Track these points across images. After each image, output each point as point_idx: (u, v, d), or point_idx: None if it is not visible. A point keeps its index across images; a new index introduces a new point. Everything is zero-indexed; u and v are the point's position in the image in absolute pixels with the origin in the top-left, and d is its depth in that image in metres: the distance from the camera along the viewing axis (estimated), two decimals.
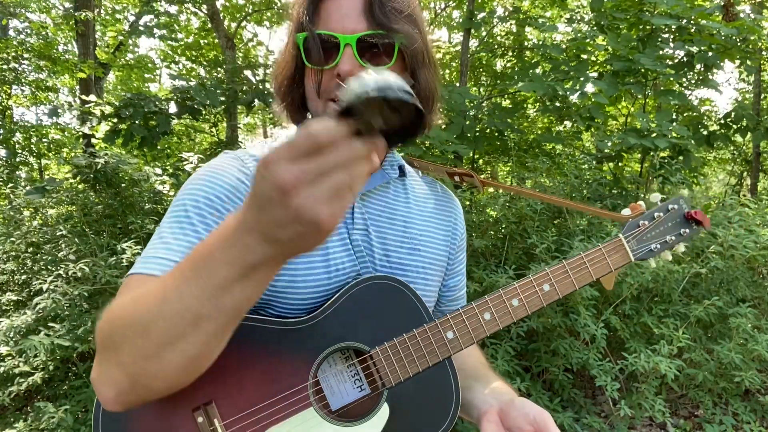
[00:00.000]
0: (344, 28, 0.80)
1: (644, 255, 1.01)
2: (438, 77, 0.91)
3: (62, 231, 3.41)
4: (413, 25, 0.83)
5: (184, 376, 0.63)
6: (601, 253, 0.96)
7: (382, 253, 0.90)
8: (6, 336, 2.72)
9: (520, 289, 0.89)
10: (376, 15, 0.79)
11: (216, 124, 6.52)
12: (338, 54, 0.79)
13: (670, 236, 1.03)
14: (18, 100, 9.06)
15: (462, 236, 1.04)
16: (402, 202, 0.96)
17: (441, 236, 0.99)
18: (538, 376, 3.13)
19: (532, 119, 6.82)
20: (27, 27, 7.18)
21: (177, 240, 0.75)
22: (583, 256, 0.95)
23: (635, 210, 1.03)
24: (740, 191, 8.02)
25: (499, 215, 3.78)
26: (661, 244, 1.02)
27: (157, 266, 0.73)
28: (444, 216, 1.01)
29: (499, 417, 0.84)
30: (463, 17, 5.58)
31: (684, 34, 4.21)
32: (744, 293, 3.36)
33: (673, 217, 1.04)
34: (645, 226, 1.02)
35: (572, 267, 0.94)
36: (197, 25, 9.17)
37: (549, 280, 0.92)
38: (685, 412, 3.33)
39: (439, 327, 0.85)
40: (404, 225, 0.93)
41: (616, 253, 0.98)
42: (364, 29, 0.80)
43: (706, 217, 1.07)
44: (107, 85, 11.31)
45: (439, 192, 1.04)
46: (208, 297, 0.55)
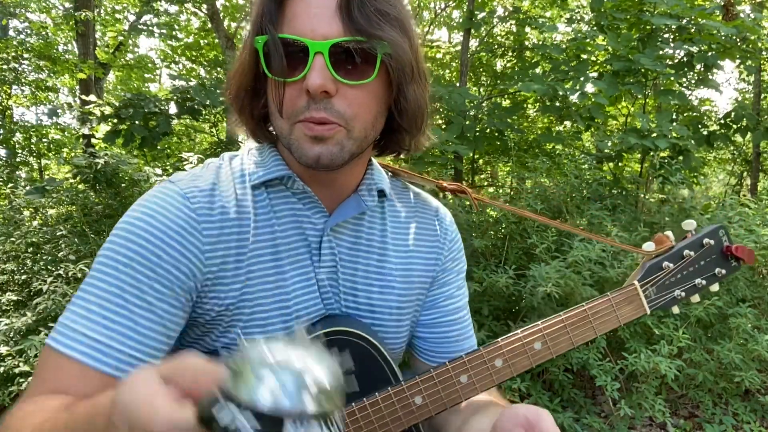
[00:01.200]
0: (314, 32, 0.64)
1: (665, 304, 0.84)
2: (428, 89, 0.76)
3: (62, 231, 3.41)
4: (400, 30, 0.68)
5: None
6: (609, 304, 0.81)
7: (350, 294, 0.79)
8: (6, 336, 2.73)
9: (505, 348, 0.76)
10: (355, 17, 0.64)
11: (216, 124, 6.52)
12: (307, 64, 0.64)
13: (701, 279, 0.84)
14: (18, 100, 9.06)
15: (450, 247, 0.90)
16: (378, 233, 0.82)
17: (422, 261, 0.86)
18: (538, 376, 3.13)
19: (532, 119, 6.82)
20: (27, 27, 7.18)
21: (101, 312, 0.64)
22: (586, 308, 0.80)
23: (661, 243, 0.85)
24: (740, 191, 8.03)
25: (499, 215, 3.78)
26: (688, 290, 0.84)
27: (74, 345, 0.63)
28: (425, 236, 0.87)
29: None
30: (463, 17, 5.59)
31: (684, 34, 4.21)
32: (744, 293, 3.36)
33: (708, 254, 0.84)
34: (669, 269, 0.83)
35: (571, 323, 0.80)
36: (197, 25, 9.17)
37: (542, 338, 0.78)
38: (685, 412, 3.33)
39: (406, 392, 0.72)
40: (378, 260, 0.82)
41: (629, 304, 0.81)
42: (339, 34, 0.64)
43: (751, 252, 0.87)
44: (107, 85, 11.32)
45: (423, 208, 0.90)
46: None
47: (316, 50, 0.64)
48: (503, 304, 3.18)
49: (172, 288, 0.67)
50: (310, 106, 0.66)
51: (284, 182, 0.77)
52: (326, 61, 0.64)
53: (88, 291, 0.65)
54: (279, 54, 0.65)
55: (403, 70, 0.68)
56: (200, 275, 0.69)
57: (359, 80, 0.67)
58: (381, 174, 0.84)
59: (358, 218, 0.81)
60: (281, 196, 0.77)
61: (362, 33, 0.64)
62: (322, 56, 0.64)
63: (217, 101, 4.33)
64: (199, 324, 0.73)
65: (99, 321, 0.63)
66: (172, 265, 0.67)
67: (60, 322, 0.65)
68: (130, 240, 0.66)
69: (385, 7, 0.66)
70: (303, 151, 0.68)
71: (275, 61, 0.65)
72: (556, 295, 2.70)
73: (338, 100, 0.66)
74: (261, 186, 0.76)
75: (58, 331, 0.64)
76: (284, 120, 0.69)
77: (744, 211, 3.63)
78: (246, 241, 0.72)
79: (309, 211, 0.77)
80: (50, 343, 0.64)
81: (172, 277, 0.67)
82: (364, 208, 0.79)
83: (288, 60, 0.65)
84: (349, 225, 0.80)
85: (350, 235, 0.80)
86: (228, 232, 0.71)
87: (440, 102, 4.19)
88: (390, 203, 0.85)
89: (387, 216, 0.84)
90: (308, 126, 0.67)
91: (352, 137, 0.69)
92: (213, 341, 0.73)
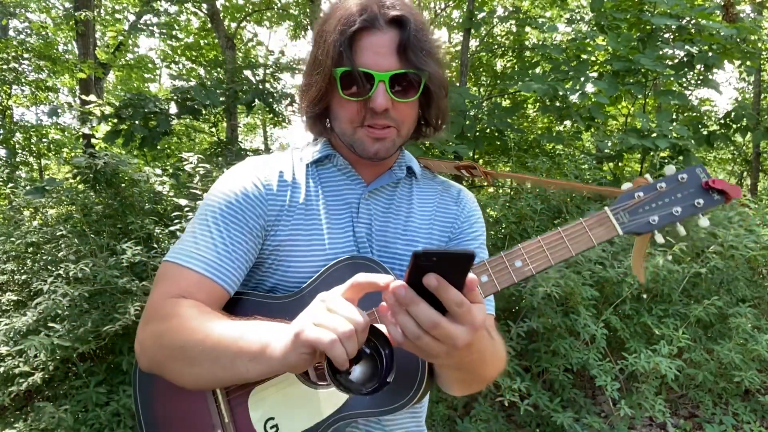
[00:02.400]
0: (378, 65, 0.88)
1: (638, 227, 0.89)
2: (447, 99, 1.02)
3: (62, 231, 3.40)
4: (437, 63, 0.93)
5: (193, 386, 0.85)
6: (582, 227, 0.89)
7: (382, 244, 1.00)
8: (6, 336, 2.72)
9: (489, 265, 0.86)
10: (409, 56, 0.88)
11: (216, 124, 6.52)
12: (372, 88, 0.89)
13: (677, 208, 0.89)
14: (18, 100, 9.06)
15: (467, 216, 1.09)
16: (405, 199, 1.06)
17: (439, 228, 1.06)
18: (538, 376, 3.13)
19: (532, 119, 6.82)
20: (27, 27, 7.18)
21: (204, 239, 0.92)
22: (560, 231, 0.89)
23: (638, 184, 0.92)
24: None
25: (499, 215, 3.78)
26: (663, 217, 0.89)
27: (187, 259, 0.90)
28: (445, 209, 1.08)
29: None
30: (463, 17, 5.59)
31: (684, 34, 4.22)
32: (744, 293, 3.37)
33: (686, 188, 0.90)
34: (641, 198, 0.90)
35: (548, 243, 0.88)
36: (197, 25, 9.18)
37: (521, 256, 0.87)
38: (685, 412, 3.33)
39: None
40: (405, 220, 1.03)
41: (600, 226, 0.89)
42: (396, 67, 0.89)
43: (735, 187, 0.89)
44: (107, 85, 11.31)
45: (446, 190, 1.12)
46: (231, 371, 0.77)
47: (380, 79, 0.88)
48: (503, 304, 3.18)
49: (248, 223, 0.94)
50: (372, 116, 0.91)
51: (331, 160, 1.04)
52: (387, 87, 0.89)
53: (195, 227, 0.93)
54: (354, 81, 0.89)
55: (438, 91, 0.96)
56: (265, 216, 0.96)
57: (408, 98, 0.92)
58: (411, 158, 1.10)
59: (391, 189, 1.05)
60: (328, 171, 1.04)
61: (413, 67, 0.89)
62: (384, 83, 0.88)
63: (217, 101, 4.33)
64: (259, 263, 0.97)
65: (206, 245, 0.91)
66: (250, 207, 0.94)
67: (173, 248, 0.93)
68: (222, 193, 0.95)
69: (429, 48, 0.91)
70: (365, 148, 0.94)
71: (350, 86, 0.90)
72: (556, 295, 2.70)
73: (393, 111, 0.92)
74: (313, 164, 1.03)
75: (176, 253, 0.91)
76: (350, 126, 0.94)
77: (744, 211, 3.63)
78: (296, 200, 0.98)
79: (350, 180, 1.03)
80: (172, 259, 0.91)
81: (251, 215, 0.95)
82: (394, 178, 1.04)
83: (358, 85, 0.90)
84: (384, 193, 1.04)
85: (385, 200, 1.04)
86: (283, 191, 0.98)
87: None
88: (418, 183, 1.09)
89: (414, 190, 1.08)
90: (370, 131, 0.93)
91: (401, 136, 0.96)
92: (268, 278, 0.96)
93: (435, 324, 0.62)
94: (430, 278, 0.60)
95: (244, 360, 0.75)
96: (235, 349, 0.76)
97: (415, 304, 0.62)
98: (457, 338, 0.63)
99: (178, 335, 0.81)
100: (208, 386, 0.85)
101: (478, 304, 0.64)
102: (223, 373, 0.78)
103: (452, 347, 0.64)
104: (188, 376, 0.81)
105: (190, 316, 0.83)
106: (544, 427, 2.94)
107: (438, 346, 0.64)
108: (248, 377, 0.77)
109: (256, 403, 0.87)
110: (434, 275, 0.60)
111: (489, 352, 0.82)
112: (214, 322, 0.81)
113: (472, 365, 0.78)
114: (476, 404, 2.89)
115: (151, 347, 0.86)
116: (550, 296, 2.74)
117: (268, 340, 0.74)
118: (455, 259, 0.59)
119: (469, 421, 2.84)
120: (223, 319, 0.83)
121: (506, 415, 3.06)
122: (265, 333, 0.75)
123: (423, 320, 0.62)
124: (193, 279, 0.89)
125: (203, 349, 0.78)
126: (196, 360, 0.79)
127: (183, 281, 0.88)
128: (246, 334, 0.77)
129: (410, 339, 0.63)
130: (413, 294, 0.62)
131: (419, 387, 0.85)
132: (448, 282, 0.60)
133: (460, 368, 0.79)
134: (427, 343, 0.63)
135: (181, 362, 0.81)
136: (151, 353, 0.86)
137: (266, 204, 0.96)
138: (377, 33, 0.89)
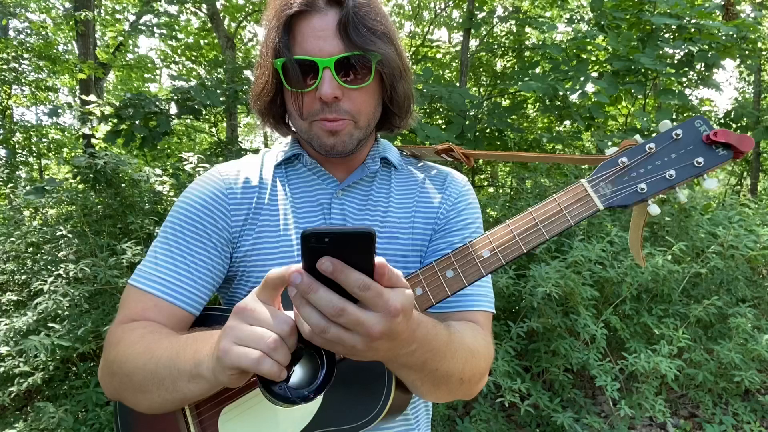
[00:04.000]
0: (321, 51, 0.81)
1: (623, 200, 0.74)
2: (411, 80, 0.94)
3: (62, 231, 3.40)
4: (388, 42, 0.85)
5: (150, 411, 0.80)
6: (556, 204, 0.78)
7: None
8: (6, 336, 2.72)
9: (454, 258, 0.78)
10: (352, 36, 0.80)
11: (216, 124, 6.52)
12: (318, 76, 0.81)
13: (671, 171, 0.73)
14: (18, 100, 9.06)
15: (454, 203, 0.99)
16: (383, 193, 0.98)
17: (422, 220, 0.97)
18: (538, 376, 3.13)
19: (532, 119, 6.82)
20: (27, 27, 7.18)
21: (164, 259, 0.88)
22: (531, 212, 0.78)
23: (624, 147, 0.77)
24: (740, 191, 8.03)
25: (499, 215, 3.78)
26: (654, 183, 0.73)
27: (146, 282, 0.87)
28: (428, 199, 0.99)
29: None
30: (463, 17, 5.59)
31: (684, 34, 4.21)
32: (744, 293, 3.36)
33: (682, 146, 0.73)
34: (625, 164, 0.75)
35: (518, 228, 0.77)
36: (197, 25, 9.17)
37: (489, 245, 0.77)
38: (685, 412, 3.33)
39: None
40: (383, 214, 0.95)
41: (578, 202, 0.76)
42: (340, 51, 0.81)
43: (745, 137, 0.71)
44: (107, 85, 11.32)
45: (430, 177, 1.02)
46: (175, 393, 0.73)
47: (324, 65, 0.80)
48: (503, 304, 3.18)
49: (212, 239, 0.89)
50: (323, 108, 0.84)
51: (299, 160, 0.98)
52: (333, 73, 0.81)
53: (157, 246, 0.89)
54: (296, 71, 0.82)
55: (392, 73, 0.87)
56: (230, 228, 0.91)
57: (360, 84, 0.84)
58: (388, 147, 1.02)
59: (367, 184, 0.97)
60: (296, 171, 0.98)
61: (358, 48, 0.81)
62: (330, 70, 0.81)
63: (217, 101, 4.32)
64: (230, 277, 0.93)
65: (165, 266, 0.87)
66: (211, 220, 0.89)
67: (137, 269, 0.89)
68: (182, 208, 0.91)
69: (374, 25, 0.83)
70: (321, 142, 0.87)
71: (293, 77, 0.83)
72: (556, 295, 2.70)
73: (345, 101, 0.84)
74: (281, 165, 0.97)
75: (137, 275, 0.87)
76: (303, 121, 0.87)
77: (744, 211, 3.63)
78: (262, 203, 0.92)
79: (321, 180, 0.96)
80: (131, 282, 0.87)
81: (214, 229, 0.90)
82: (367, 171, 0.96)
83: (303, 75, 0.82)
84: (358, 189, 0.96)
85: (360, 196, 0.96)
86: (249, 196, 0.92)
87: (440, 102, 4.19)
88: (398, 173, 1.01)
89: (392, 181, 1.00)
90: (324, 124, 0.85)
91: (359, 127, 0.88)
92: (240, 289, 0.92)
93: (339, 310, 0.54)
94: (324, 262, 0.53)
95: (183, 381, 0.70)
96: (173, 370, 0.72)
97: (313, 290, 0.54)
98: (370, 325, 0.55)
99: (125, 363, 0.78)
100: (164, 409, 0.78)
101: (397, 289, 0.57)
102: (170, 395, 0.73)
103: (367, 336, 0.56)
104: (143, 401, 0.78)
105: (134, 341, 0.79)
106: (544, 427, 2.94)
107: (350, 337, 0.56)
108: (192, 397, 0.72)
109: (226, 423, 0.84)
110: (328, 258, 0.53)
111: (442, 342, 0.71)
112: (156, 344, 0.77)
113: (421, 361, 0.69)
114: (476, 404, 2.89)
115: (105, 376, 0.83)
116: (550, 296, 2.74)
117: (200, 359, 0.68)
118: (352, 238, 0.52)
119: (469, 421, 2.84)
120: (168, 338, 0.78)
121: (506, 415, 3.06)
122: (197, 350, 0.70)
123: (324, 307, 0.55)
124: (150, 303, 0.85)
125: (145, 375, 0.75)
126: (144, 386, 0.75)
127: (140, 305, 0.85)
128: (181, 353, 0.72)
129: (317, 332, 0.56)
130: (310, 279, 0.54)
131: (387, 397, 0.79)
132: (350, 265, 0.53)
133: (410, 366, 0.70)
134: (337, 335, 0.56)
135: (132, 389, 0.78)
136: (106, 382, 0.83)
137: (230, 214, 0.90)
138: (317, 15, 0.82)
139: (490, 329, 0.94)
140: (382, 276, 0.55)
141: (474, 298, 0.92)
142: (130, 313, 0.85)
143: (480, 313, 0.92)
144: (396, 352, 0.63)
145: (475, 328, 0.87)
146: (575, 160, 1.01)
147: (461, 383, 0.79)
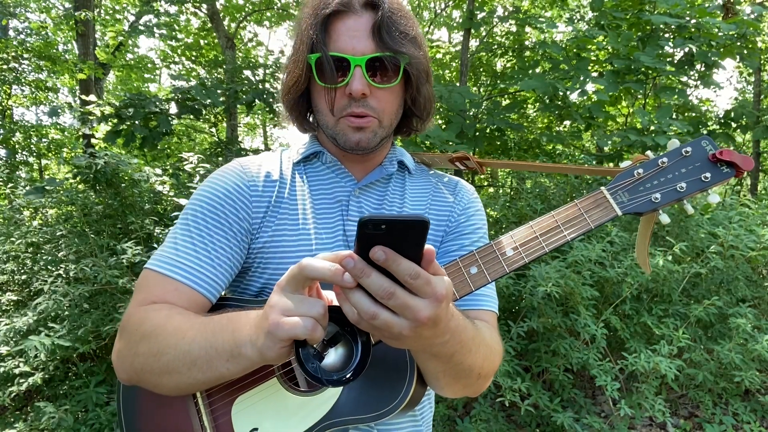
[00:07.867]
0: (354, 50, 0.86)
1: (639, 207, 0.81)
2: (432, 85, 0.99)
3: (62, 231, 3.40)
4: (416, 46, 0.90)
5: (174, 392, 0.80)
6: (577, 209, 0.81)
7: None
8: (6, 336, 2.72)
9: (478, 255, 0.80)
10: (384, 38, 0.86)
11: (216, 124, 6.52)
12: (349, 73, 0.86)
13: (682, 183, 0.81)
14: (18, 100, 9.06)
15: (464, 209, 1.03)
16: (398, 195, 1.02)
17: (434, 223, 1.01)
18: (538, 376, 3.13)
19: (532, 119, 6.82)
20: (27, 27, 7.18)
21: (185, 245, 0.89)
22: (554, 214, 0.81)
23: (637, 160, 0.85)
24: (740, 191, 8.02)
25: (499, 215, 3.78)
26: (667, 194, 0.81)
27: (167, 266, 0.87)
28: (440, 203, 1.04)
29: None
30: (463, 17, 5.59)
31: (684, 33, 4.21)
32: (744, 293, 3.36)
33: (691, 162, 0.82)
34: (641, 175, 0.82)
35: (541, 229, 0.81)
36: (197, 25, 9.17)
37: (512, 244, 0.80)
38: (685, 412, 3.33)
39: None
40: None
41: (597, 207, 0.81)
42: (372, 51, 0.86)
43: (746, 157, 0.80)
44: (107, 85, 11.31)
45: (442, 183, 1.07)
46: (209, 373, 0.74)
47: (356, 63, 0.85)
48: (503, 304, 3.18)
49: (233, 228, 0.91)
50: (351, 104, 0.88)
51: (318, 158, 1.01)
52: (363, 71, 0.86)
53: (177, 233, 0.90)
54: (330, 66, 0.86)
55: (419, 75, 0.91)
56: (250, 219, 0.93)
57: (387, 84, 0.89)
58: (403, 152, 1.07)
59: (383, 184, 1.02)
60: (315, 168, 1.01)
61: (389, 49, 0.86)
62: (361, 68, 0.85)
63: (217, 101, 4.32)
64: (246, 268, 0.94)
65: (186, 252, 0.88)
66: (234, 210, 0.91)
67: (155, 254, 0.90)
68: (205, 195, 0.92)
69: (405, 29, 0.88)
70: (347, 138, 0.91)
71: (326, 72, 0.86)
72: (556, 295, 2.70)
73: (372, 99, 0.89)
74: (300, 162, 1.01)
75: (156, 260, 0.88)
76: (332, 116, 0.91)
77: (744, 211, 3.62)
78: (281, 199, 0.95)
79: (339, 177, 0.99)
80: (150, 267, 0.88)
81: (235, 218, 0.91)
82: (385, 173, 1.01)
83: (335, 71, 0.86)
84: (375, 189, 1.01)
85: (377, 196, 1.00)
86: (269, 190, 0.95)
87: (440, 101, 4.19)
88: (412, 177, 1.06)
89: (407, 185, 1.04)
90: (350, 120, 0.89)
91: (383, 126, 0.92)
92: (255, 280, 0.94)
93: (390, 294, 0.56)
94: (376, 251, 0.54)
95: (221, 360, 0.72)
96: (210, 350, 0.73)
97: (366, 275, 0.56)
98: (418, 310, 0.57)
99: (154, 342, 0.78)
100: (189, 390, 0.79)
101: (440, 276, 0.59)
102: (203, 375, 0.74)
103: (415, 321, 0.58)
104: (167, 382, 0.77)
105: (161, 322, 0.79)
106: (544, 427, 2.94)
107: (398, 322, 0.58)
108: (228, 376, 0.74)
109: (240, 413, 0.84)
110: (380, 248, 0.54)
111: (469, 336, 0.74)
112: (187, 323, 0.78)
113: (450, 352, 0.72)
114: (476, 404, 2.89)
115: (126, 357, 0.82)
116: (550, 296, 2.74)
117: (240, 337, 0.70)
118: (407, 226, 0.54)
119: (469, 421, 2.84)
120: (198, 318, 0.80)
121: (506, 415, 3.06)
122: (235, 329, 0.72)
123: (376, 290, 0.56)
124: (171, 287, 0.85)
125: (176, 355, 0.75)
126: (172, 366, 0.76)
127: (159, 289, 0.85)
128: (218, 334, 0.73)
129: (366, 318, 0.58)
130: (363, 264, 0.56)
131: (408, 389, 0.80)
132: (401, 254, 0.55)
133: (438, 356, 0.72)
134: (386, 321, 0.58)
135: (158, 369, 0.77)
136: (128, 363, 0.82)
137: (251, 205, 0.93)
138: (352, 16, 0.87)
139: (497, 329, 0.97)
140: (429, 263, 0.58)
141: (482, 298, 0.96)
142: (149, 296, 0.85)
143: (488, 312, 0.95)
144: (433, 340, 0.66)
145: (489, 327, 0.90)
146: (590, 171, 1.03)
147: (478, 378, 0.82)
